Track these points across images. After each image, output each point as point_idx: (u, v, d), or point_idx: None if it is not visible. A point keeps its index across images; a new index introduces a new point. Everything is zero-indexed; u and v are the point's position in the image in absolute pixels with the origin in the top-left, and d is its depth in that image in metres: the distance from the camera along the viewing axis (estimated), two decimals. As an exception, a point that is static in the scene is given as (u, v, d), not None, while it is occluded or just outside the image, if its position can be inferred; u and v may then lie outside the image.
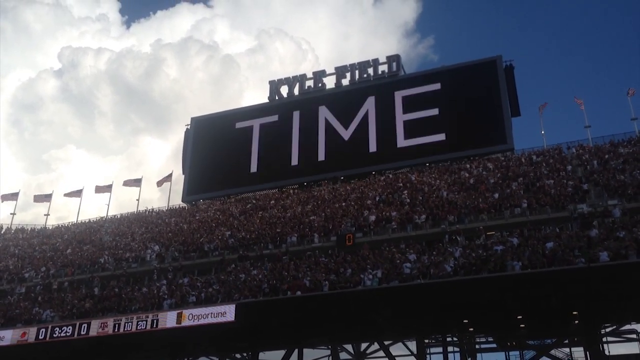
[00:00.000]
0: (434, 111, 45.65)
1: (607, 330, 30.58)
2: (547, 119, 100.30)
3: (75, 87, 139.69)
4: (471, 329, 29.70)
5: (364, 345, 35.67)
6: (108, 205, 55.86)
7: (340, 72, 51.38)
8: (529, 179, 35.01)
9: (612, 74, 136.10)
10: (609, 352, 30.50)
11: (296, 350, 32.41)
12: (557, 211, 30.37)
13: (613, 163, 34.21)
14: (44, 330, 29.51)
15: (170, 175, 56.75)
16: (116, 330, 28.57)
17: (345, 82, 50.96)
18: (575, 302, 24.52)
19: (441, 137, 44.46)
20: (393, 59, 50.17)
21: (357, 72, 50.72)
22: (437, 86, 46.70)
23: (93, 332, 28.85)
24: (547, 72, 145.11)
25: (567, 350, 31.43)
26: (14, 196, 58.79)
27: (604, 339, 30.54)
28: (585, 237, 25.56)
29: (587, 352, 28.22)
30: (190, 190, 51.67)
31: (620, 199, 29.65)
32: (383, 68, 50.09)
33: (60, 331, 29.23)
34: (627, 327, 30.98)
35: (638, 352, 30.86)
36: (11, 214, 57.77)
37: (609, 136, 39.59)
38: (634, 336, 31.83)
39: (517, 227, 29.46)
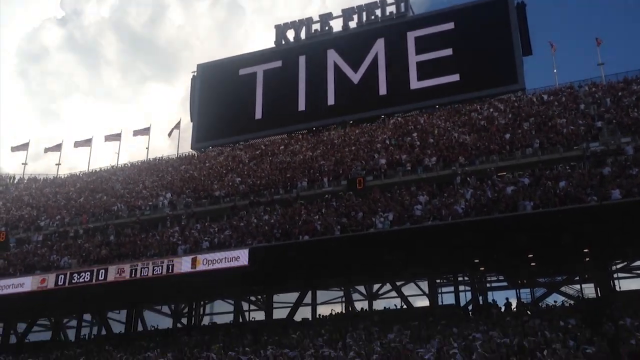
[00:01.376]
0: (448, 51, 44.78)
1: (618, 266, 30.85)
2: (559, 58, 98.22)
3: (80, 35, 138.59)
4: (482, 268, 30.02)
5: (376, 287, 36.25)
6: (118, 154, 56.18)
7: (347, 14, 50.36)
8: (540, 119, 34.67)
9: (625, 10, 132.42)
10: (619, 287, 30.84)
11: (310, 292, 33.06)
12: (569, 150, 30.22)
13: (626, 100, 33.74)
14: (62, 276, 30.09)
15: (178, 123, 56.71)
16: (133, 275, 29.09)
17: (352, 24, 50.01)
18: (586, 240, 24.64)
19: (455, 77, 43.76)
20: (401, 0, 49.02)
21: (364, 14, 49.72)
22: (450, 25, 45.63)
23: (111, 278, 29.39)
24: (560, 9, 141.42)
25: (577, 287, 31.80)
26: (24, 146, 59.11)
27: (615, 275, 30.84)
28: (598, 175, 25.46)
29: (598, 288, 28.53)
30: (199, 138, 51.67)
31: (633, 136, 29.38)
32: (391, 9, 49.05)
33: (78, 277, 29.81)
34: (638, 263, 31.19)
35: (648, 287, 31.20)
36: (23, 164, 58.30)
37: (622, 73, 38.93)
38: (644, 272, 32.12)
39: (528, 168, 29.37)
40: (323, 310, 33.65)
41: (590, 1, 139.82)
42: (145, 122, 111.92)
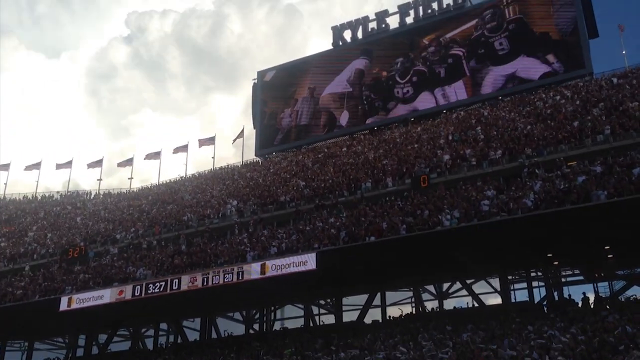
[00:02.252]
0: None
1: None
2: (627, 38, 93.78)
3: (145, 52, 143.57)
4: (556, 263, 29.01)
5: (445, 286, 35.67)
6: (186, 165, 58.02)
7: (403, 10, 49.93)
8: (610, 103, 33.15)
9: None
10: None
11: (378, 294, 32.89)
12: (644, 134, 28.70)
13: None
14: (139, 287, 31.18)
15: (242, 131, 57.76)
16: (205, 283, 29.80)
17: (409, 20, 49.48)
18: (667, 228, 23.37)
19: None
20: (457, -10, 48.13)
21: (420, 8, 49.13)
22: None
23: (184, 287, 30.22)
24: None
25: (660, 277, 30.26)
26: (98, 163, 61.81)
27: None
28: (676, 159, 24.10)
29: (682, 279, 27.06)
30: (263, 144, 52.46)
31: None
32: (448, 1, 48.25)
33: (153, 287, 30.81)
34: None
35: None
36: (98, 180, 61.03)
37: (698, 49, 36.66)
38: None
39: (600, 155, 28.11)
40: (393, 312, 33.47)
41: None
42: (210, 131, 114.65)
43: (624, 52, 42.61)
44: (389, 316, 32.38)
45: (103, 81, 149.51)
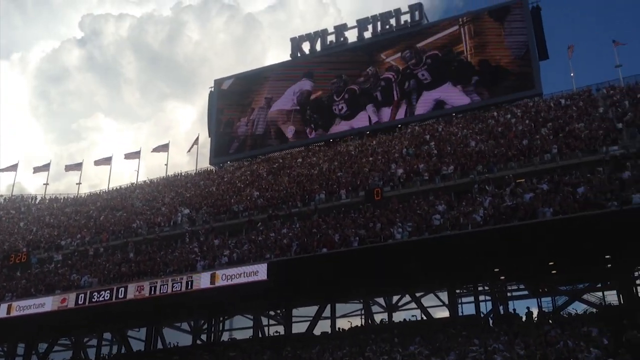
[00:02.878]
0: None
1: (642, 272, 30.21)
2: (576, 61, 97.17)
3: (99, 55, 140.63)
4: (502, 277, 29.64)
5: (395, 298, 35.95)
6: (137, 172, 56.78)
7: (362, 24, 50.36)
8: (558, 124, 34.20)
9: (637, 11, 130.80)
10: (643, 294, 30.18)
11: (329, 305, 32.88)
12: (589, 155, 29.66)
13: (646, 102, 33.12)
14: (82, 295, 30.34)
15: (197, 139, 57.02)
16: (152, 293, 29.22)
17: (367, 34, 50.04)
18: (607, 246, 24.17)
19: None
20: (415, 8, 48.90)
21: (379, 23, 49.73)
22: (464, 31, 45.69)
23: (130, 296, 29.57)
24: (575, 12, 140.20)
25: (599, 294, 31.19)
26: (45, 167, 59.96)
27: (638, 282, 30.16)
28: (618, 179, 25.00)
29: (620, 295, 27.97)
30: (218, 153, 52.02)
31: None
32: (406, 18, 48.97)
33: (98, 296, 30.03)
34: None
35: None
36: (44, 184, 59.18)
37: (641, 75, 38.18)
38: (670, 278, 31.36)
39: (547, 174, 28.93)
40: (342, 324, 33.47)
41: (605, 3, 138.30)
42: (164, 139, 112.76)
43: (572, 74, 44.07)
44: (339, 328, 32.39)
45: (54, 84, 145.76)
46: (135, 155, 57.87)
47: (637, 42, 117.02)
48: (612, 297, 30.13)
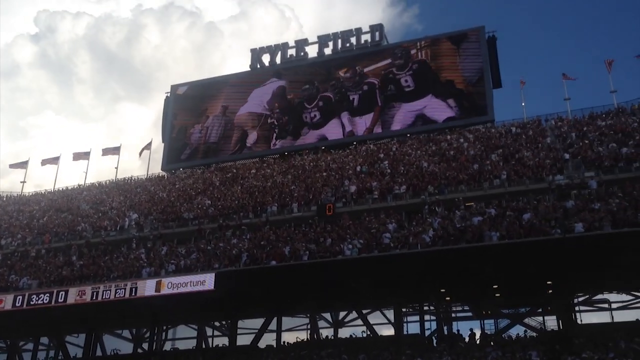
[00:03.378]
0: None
1: (580, 299, 31.23)
2: (527, 91, 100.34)
3: (53, 53, 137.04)
4: (448, 298, 30.16)
5: (342, 314, 36.06)
6: (86, 173, 55.35)
7: (322, 41, 50.84)
8: (508, 151, 35.23)
9: (593, 47, 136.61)
10: (581, 320, 31.20)
11: (275, 319, 32.69)
12: (536, 182, 30.62)
13: (591, 135, 34.50)
14: (20, 297, 29.30)
15: (149, 144, 56.05)
16: (94, 298, 28.47)
17: (327, 51, 50.52)
18: (549, 272, 24.92)
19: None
20: (376, 29, 49.78)
21: (339, 41, 50.28)
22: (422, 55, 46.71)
23: (71, 300, 28.72)
24: (529, 44, 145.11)
25: (540, 319, 32.08)
26: (-11, 163, 57.81)
27: (577, 308, 31.20)
28: (562, 208, 25.89)
29: (560, 321, 28.83)
30: (170, 159, 51.32)
31: (597, 171, 29.98)
32: (366, 37, 49.70)
33: (37, 298, 29.04)
34: (599, 296, 31.63)
35: (609, 321, 31.57)
36: (-13, 181, 56.98)
37: (588, 108, 39.84)
38: (606, 305, 32.53)
39: (495, 198, 29.71)
40: (288, 337, 33.32)
41: (557, 38, 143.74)
42: (117, 141, 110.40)
43: (523, 104, 45.47)
44: (284, 342, 32.22)
45: (4, 78, 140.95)
46: (85, 156, 56.38)
47: (586, 77, 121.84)
48: (552, 322, 31.03)
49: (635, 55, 40.88)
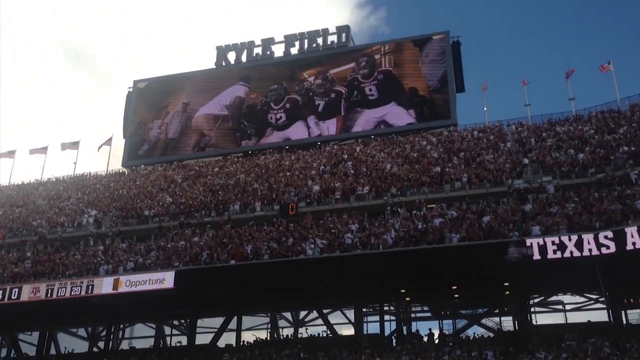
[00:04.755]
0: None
1: (536, 300, 31.91)
2: (489, 96, 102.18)
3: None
4: (408, 299, 30.44)
5: (302, 314, 36.04)
6: (43, 168, 53.90)
7: (289, 40, 50.78)
8: (469, 154, 35.76)
9: (554, 55, 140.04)
10: (536, 321, 31.88)
11: (235, 318, 32.46)
12: (496, 186, 31.19)
13: (549, 141, 35.30)
14: (-29, 293, 28.39)
15: (110, 139, 54.99)
16: (49, 295, 27.83)
17: (294, 50, 50.46)
18: (507, 274, 25.38)
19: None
20: (343, 30, 50.01)
21: (306, 41, 50.29)
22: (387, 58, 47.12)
23: (24, 297, 28.04)
24: (492, 50, 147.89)
25: (497, 319, 32.67)
26: (-58, 157, 55.78)
27: (532, 309, 31.86)
28: (520, 211, 26.42)
29: (516, 322, 29.41)
30: (131, 155, 50.50)
31: (555, 175, 30.70)
32: (332, 38, 49.85)
33: (-11, 295, 28.20)
34: (554, 298, 32.40)
35: (563, 322, 32.36)
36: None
37: (547, 115, 40.75)
38: (560, 307, 33.35)
39: (457, 201, 30.13)
40: (248, 337, 33.11)
41: (520, 43, 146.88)
42: (76, 136, 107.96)
43: (485, 108, 46.21)
44: (244, 341, 31.99)
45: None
46: (42, 150, 54.95)
47: (546, 83, 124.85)
48: (508, 322, 31.64)
49: (600, 65, 41.81)
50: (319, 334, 33.01)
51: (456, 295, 29.15)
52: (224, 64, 51.98)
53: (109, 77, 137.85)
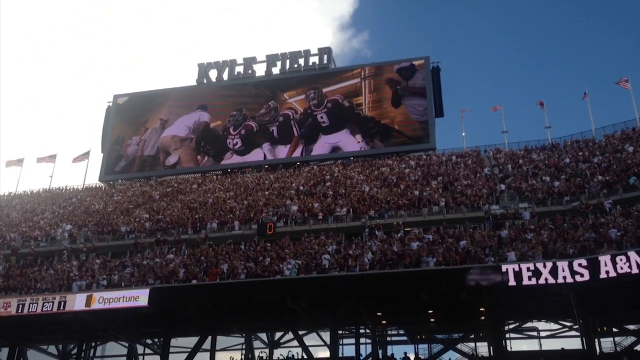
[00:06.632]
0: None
1: (511, 327, 32.05)
2: (467, 122, 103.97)
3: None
4: (384, 322, 30.38)
5: (278, 335, 35.72)
6: (18, 180, 53.15)
7: (271, 60, 51.09)
8: (447, 179, 36.09)
9: (530, 84, 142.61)
10: (511, 348, 31.99)
11: (210, 337, 32.04)
12: (473, 211, 31.48)
13: (525, 168, 35.82)
14: (-61, 308, 27.66)
15: (87, 153, 54.43)
16: (20, 311, 27.22)
17: (275, 70, 50.75)
18: (483, 299, 25.49)
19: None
20: (324, 52, 50.47)
21: (287, 61, 50.63)
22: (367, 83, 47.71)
23: (-6, 312, 27.37)
24: (471, 76, 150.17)
25: (472, 345, 32.72)
26: None
27: (507, 335, 31.98)
28: (496, 237, 26.68)
29: (491, 347, 29.46)
30: (109, 170, 50.04)
31: (531, 202, 31.10)
32: (314, 60, 50.26)
33: (-43, 310, 27.50)
34: (529, 324, 32.59)
35: (538, 349, 32.55)
36: None
37: (524, 142, 41.56)
38: (535, 333, 33.55)
39: (434, 225, 30.32)
40: (222, 357, 32.73)
41: (498, 69, 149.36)
42: (53, 149, 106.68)
43: (463, 134, 46.92)
44: (217, 361, 31.61)
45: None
46: (18, 163, 54.20)
47: (523, 111, 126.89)
48: (483, 348, 31.72)
49: (581, 94, 42.92)
50: (294, 355, 32.73)
51: (432, 320, 29.15)
52: (205, 81, 52.01)
53: (90, 90, 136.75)
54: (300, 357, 31.71)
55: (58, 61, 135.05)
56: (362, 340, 32.14)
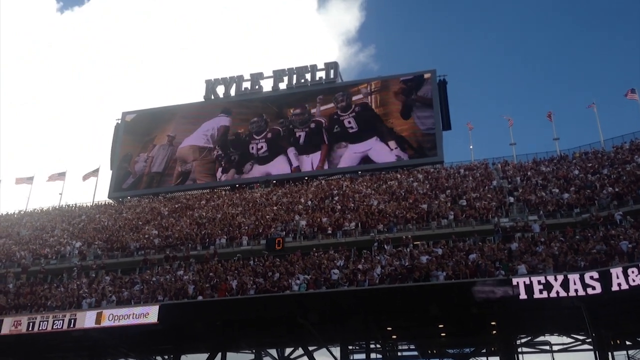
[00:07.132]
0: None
1: (522, 340, 31.75)
2: (475, 135, 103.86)
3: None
4: (394, 337, 30.19)
5: (288, 350, 35.55)
6: (28, 198, 53.61)
7: (278, 75, 51.35)
8: (456, 192, 36.02)
9: (538, 96, 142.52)
10: (523, 362, 31.71)
11: (219, 354, 31.95)
12: (482, 224, 31.35)
13: (534, 180, 35.70)
14: (-50, 326, 27.78)
15: (97, 170, 54.80)
16: (30, 329, 27.31)
17: (282, 85, 51.00)
18: (494, 313, 25.33)
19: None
20: (331, 66, 50.67)
21: (294, 76, 50.87)
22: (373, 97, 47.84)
23: (5, 330, 27.48)
24: (478, 89, 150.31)
25: (484, 359, 32.44)
26: None
27: (519, 350, 31.68)
28: (506, 250, 26.55)
29: (502, 362, 29.22)
30: (118, 187, 50.29)
31: (540, 215, 30.96)
32: (321, 74, 50.45)
33: (-32, 328, 27.61)
34: (541, 338, 32.26)
35: (550, 362, 32.24)
36: None
37: (532, 154, 41.47)
38: (547, 347, 33.19)
39: (443, 238, 30.23)
40: (232, 373, 32.55)
41: (504, 81, 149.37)
42: (62, 166, 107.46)
43: (471, 147, 46.91)
44: (228, 378, 31.43)
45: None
46: (28, 180, 54.63)
47: (530, 123, 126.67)
48: (495, 362, 31.43)
49: (588, 105, 42.84)
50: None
51: (443, 334, 28.95)
52: (212, 97, 52.31)
53: (90, 90, 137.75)
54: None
55: (58, 61, 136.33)
56: (373, 355, 31.88)
